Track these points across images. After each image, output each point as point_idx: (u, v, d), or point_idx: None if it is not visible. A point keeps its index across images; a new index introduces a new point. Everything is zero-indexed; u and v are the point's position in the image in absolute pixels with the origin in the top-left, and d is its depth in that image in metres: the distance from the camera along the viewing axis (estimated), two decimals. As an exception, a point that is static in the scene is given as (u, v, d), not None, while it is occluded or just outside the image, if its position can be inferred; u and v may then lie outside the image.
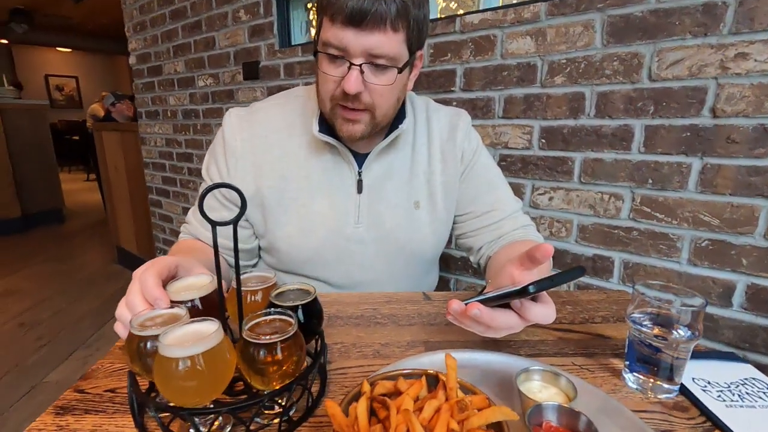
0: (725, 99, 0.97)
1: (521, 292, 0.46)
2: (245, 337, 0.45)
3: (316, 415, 0.50)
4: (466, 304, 0.50)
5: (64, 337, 2.32)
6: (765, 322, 1.00)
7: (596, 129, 1.16)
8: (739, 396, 0.53)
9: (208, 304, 0.53)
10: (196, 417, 0.43)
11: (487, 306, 0.50)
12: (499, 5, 1.34)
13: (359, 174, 0.83)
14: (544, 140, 1.26)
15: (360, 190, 0.83)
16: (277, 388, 0.46)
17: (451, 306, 0.50)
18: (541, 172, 1.28)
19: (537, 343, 0.66)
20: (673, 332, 0.53)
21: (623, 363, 0.59)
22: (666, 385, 0.54)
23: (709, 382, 0.56)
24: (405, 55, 0.70)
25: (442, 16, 1.47)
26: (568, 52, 1.16)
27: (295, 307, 0.53)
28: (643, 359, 0.55)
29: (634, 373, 0.56)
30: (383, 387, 0.43)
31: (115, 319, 0.52)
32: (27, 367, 2.05)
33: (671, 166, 1.06)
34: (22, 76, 8.78)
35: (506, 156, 1.34)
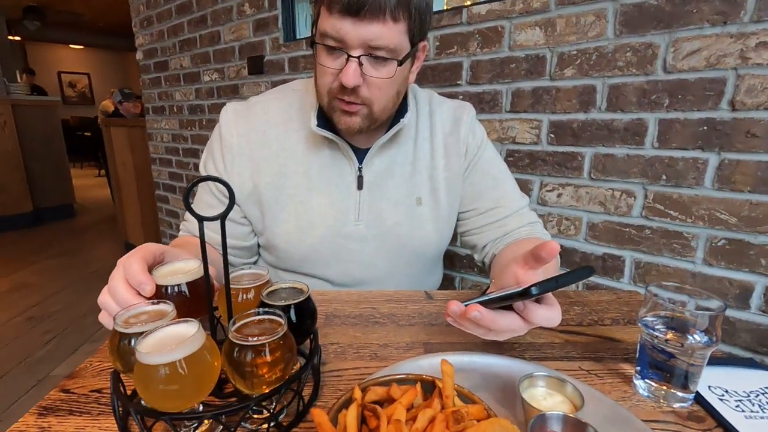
0: (745, 91, 0.92)
1: (524, 294, 0.43)
2: (231, 338, 0.42)
3: (308, 420, 0.47)
4: (466, 306, 0.47)
5: (72, 331, 2.34)
6: (784, 326, 0.96)
7: (608, 123, 1.12)
8: (760, 406, 0.50)
9: (195, 290, 0.51)
10: (178, 422, 0.41)
11: (488, 307, 0.47)
12: (508, -5, 1.29)
13: (359, 170, 0.80)
14: (553, 135, 1.22)
15: (360, 187, 0.81)
16: (267, 391, 0.44)
17: (450, 307, 0.48)
18: (549, 167, 1.24)
19: (542, 346, 0.63)
20: (689, 337, 0.50)
21: (634, 369, 0.55)
22: (680, 394, 0.51)
23: (727, 391, 0.53)
24: (406, 47, 0.67)
25: (448, 7, 1.43)
26: (579, 43, 1.12)
27: (287, 306, 0.51)
28: (656, 365, 0.52)
29: (646, 380, 0.53)
30: (375, 393, 0.40)
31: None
32: (34, 361, 2.06)
33: (686, 162, 1.02)
34: (36, 72, 8.89)
35: (513, 151, 1.30)
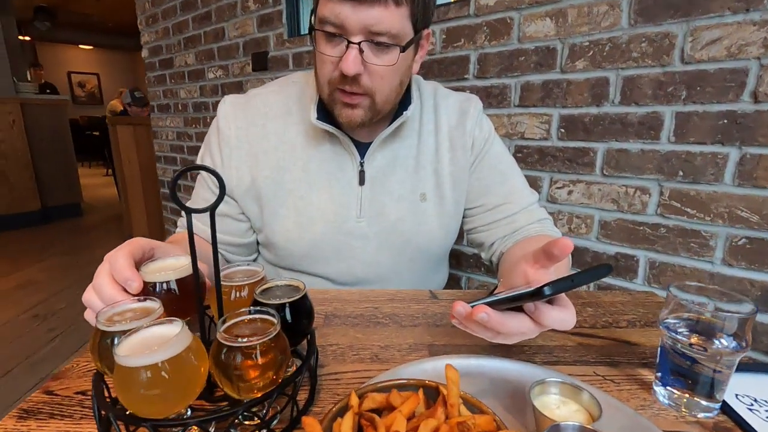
0: (769, 82, 0.87)
1: (535, 294, 0.39)
2: (219, 339, 0.39)
3: (302, 428, 0.44)
4: (473, 307, 0.43)
5: (76, 329, 2.34)
6: (809, 329, 0.91)
7: (621, 117, 1.07)
8: (793, 417, 0.46)
9: (185, 288, 0.48)
10: (162, 429, 0.38)
11: (496, 308, 0.43)
12: (517, -14, 1.25)
13: (361, 164, 0.77)
14: (563, 130, 1.17)
15: (362, 182, 0.78)
16: (258, 396, 0.41)
17: (455, 308, 0.44)
18: (559, 164, 1.20)
19: (554, 349, 0.59)
20: (715, 342, 0.46)
21: (654, 374, 0.52)
22: (705, 402, 0.47)
23: (756, 400, 0.49)
24: (409, 33, 0.64)
25: (456, -1, 1.39)
26: (591, 34, 1.08)
27: (282, 305, 0.48)
28: (678, 371, 0.48)
29: (668, 387, 0.49)
30: (373, 401, 0.37)
31: None
32: (38, 359, 2.06)
33: (705, 157, 0.97)
34: (46, 72, 8.99)
35: (522, 147, 1.26)
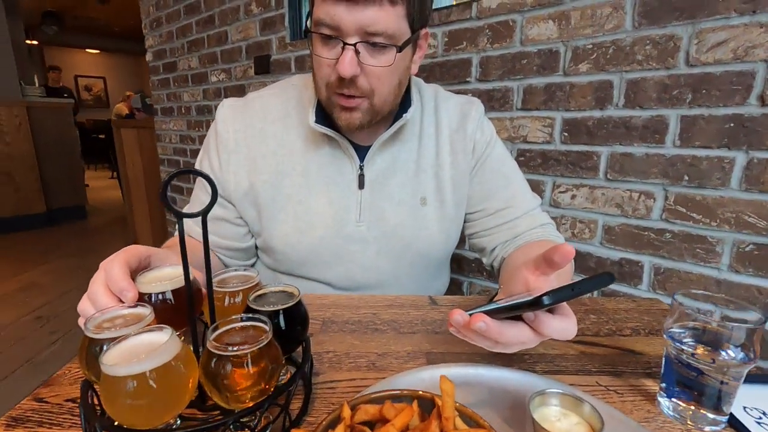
0: (776, 85, 0.86)
1: (535, 303, 0.38)
2: (209, 347, 0.38)
3: (294, 439, 0.43)
4: (471, 315, 0.42)
5: (78, 332, 2.31)
6: (820, 338, 0.88)
7: (625, 120, 1.06)
8: (804, 432, 0.44)
9: (181, 299, 0.47)
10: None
11: (495, 317, 0.42)
12: (519, -12, 1.25)
13: (361, 168, 0.76)
14: (566, 133, 1.16)
15: (362, 186, 0.77)
16: (250, 405, 0.40)
17: (453, 317, 0.43)
18: (562, 168, 1.19)
19: (555, 358, 0.58)
20: (722, 352, 0.44)
21: (658, 385, 0.50)
22: (711, 415, 0.45)
23: (765, 413, 0.47)
24: (406, 32, 0.63)
25: (457, 2, 1.38)
26: (595, 36, 1.07)
27: (275, 312, 0.47)
28: (684, 382, 0.46)
29: (673, 399, 0.47)
30: (366, 413, 0.36)
31: None
32: (39, 361, 2.06)
33: (711, 161, 0.96)
34: (47, 79, 9.11)
35: (525, 151, 1.25)
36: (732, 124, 0.92)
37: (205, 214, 0.43)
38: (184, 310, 0.46)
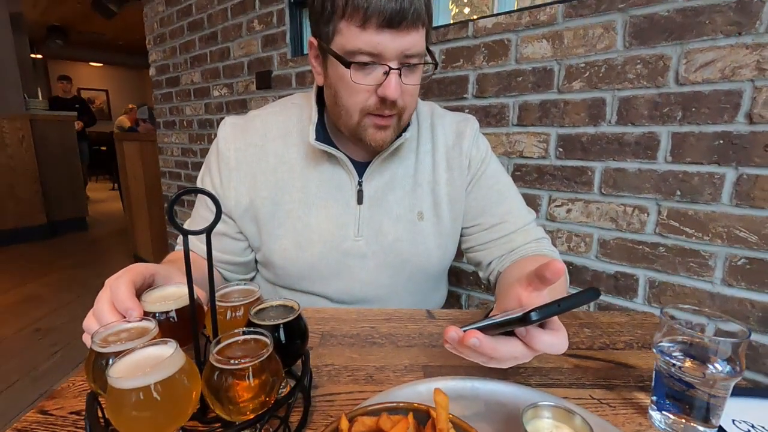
0: (763, 103, 0.88)
1: (523, 320, 0.39)
2: (211, 360, 0.40)
3: (293, 451, 0.44)
4: (465, 331, 0.43)
5: (77, 344, 2.33)
6: (813, 351, 0.89)
7: (618, 137, 1.08)
8: (791, 444, 0.45)
9: (185, 317, 0.49)
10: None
11: (488, 333, 0.44)
12: (514, 9, 1.28)
13: (359, 184, 0.78)
14: (561, 149, 1.19)
15: (360, 201, 0.79)
16: (250, 418, 0.41)
17: (448, 333, 0.44)
18: (558, 182, 1.21)
19: (550, 371, 0.59)
20: (710, 366, 0.46)
21: (650, 398, 0.51)
22: (701, 428, 0.46)
23: (753, 426, 0.48)
24: (424, 49, 0.67)
25: (455, 21, 1.42)
26: (587, 56, 1.10)
27: (275, 326, 0.48)
28: (674, 395, 0.48)
29: (663, 412, 0.49)
30: (363, 425, 0.37)
31: None
32: (39, 373, 2.05)
33: (702, 177, 0.98)
34: (56, 89, 9.19)
35: (521, 165, 1.27)
36: (721, 141, 0.94)
37: (209, 231, 0.45)
38: (187, 328, 0.48)
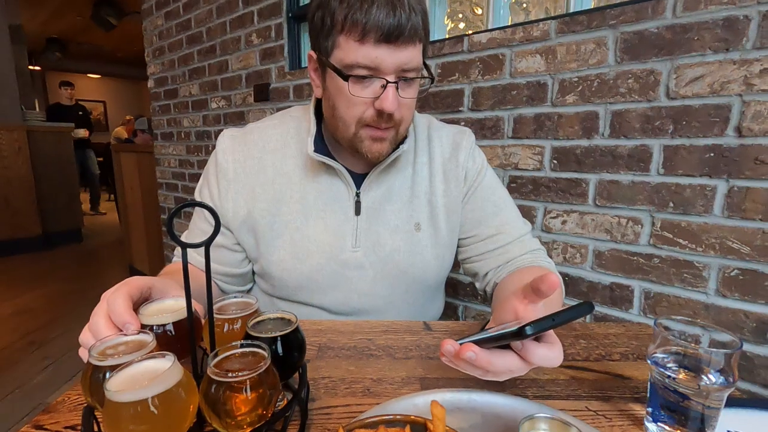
0: (751, 117, 0.90)
1: (518, 334, 0.40)
2: (209, 373, 0.40)
3: (290, 464, 0.44)
4: (461, 344, 0.44)
5: (70, 357, 2.30)
6: (807, 362, 0.90)
7: (611, 149, 1.10)
8: (785, 455, 0.46)
9: (182, 330, 0.49)
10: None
11: (484, 346, 0.44)
12: (508, 24, 1.31)
13: (357, 195, 0.79)
14: (556, 161, 1.20)
15: (358, 212, 0.79)
16: (249, 431, 0.41)
17: (444, 347, 0.45)
18: (553, 194, 1.22)
19: (546, 383, 0.59)
20: (703, 377, 0.46)
21: (645, 409, 0.52)
22: (696, 439, 0.47)
23: (748, 437, 0.48)
24: (421, 64, 0.69)
25: (450, 35, 1.45)
26: (580, 70, 1.12)
27: (273, 338, 0.48)
28: (669, 407, 0.48)
29: (659, 423, 0.49)
30: (360, 437, 0.37)
31: None
32: (31, 387, 2.02)
33: (694, 189, 0.99)
34: (54, 101, 9.22)
35: (516, 177, 1.29)
36: (712, 154, 0.96)
37: (208, 244, 0.45)
38: (185, 341, 0.48)
